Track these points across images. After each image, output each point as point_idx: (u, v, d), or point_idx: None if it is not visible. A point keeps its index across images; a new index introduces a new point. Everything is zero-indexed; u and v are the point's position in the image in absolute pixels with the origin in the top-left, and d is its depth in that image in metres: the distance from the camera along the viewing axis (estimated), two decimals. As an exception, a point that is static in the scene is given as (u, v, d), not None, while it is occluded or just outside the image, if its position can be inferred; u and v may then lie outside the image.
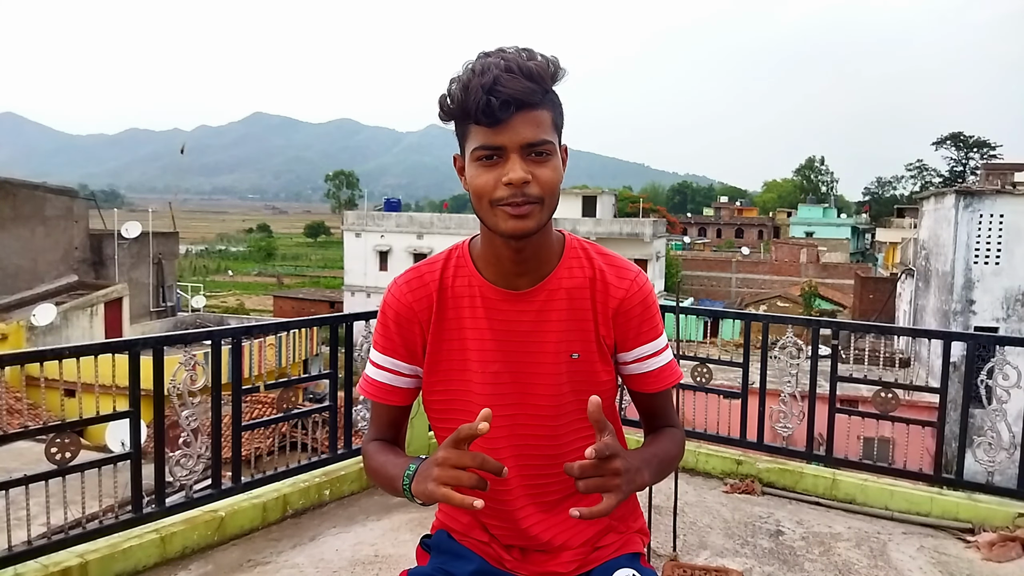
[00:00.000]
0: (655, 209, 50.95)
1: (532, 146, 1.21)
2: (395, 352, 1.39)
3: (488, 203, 1.23)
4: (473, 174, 1.24)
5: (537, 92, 1.20)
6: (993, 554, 3.24)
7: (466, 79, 1.20)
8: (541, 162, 1.22)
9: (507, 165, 1.21)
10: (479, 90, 1.17)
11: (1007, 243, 13.96)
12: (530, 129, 1.20)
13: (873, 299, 24.11)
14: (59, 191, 19.42)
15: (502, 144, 1.20)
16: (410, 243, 31.42)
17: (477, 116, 1.19)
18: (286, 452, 4.58)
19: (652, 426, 1.47)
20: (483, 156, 1.22)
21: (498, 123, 1.19)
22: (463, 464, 1.10)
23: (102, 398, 2.82)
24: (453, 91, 1.22)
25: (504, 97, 1.17)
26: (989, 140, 62.11)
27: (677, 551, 3.23)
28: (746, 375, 4.14)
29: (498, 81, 1.17)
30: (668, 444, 1.40)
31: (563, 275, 1.35)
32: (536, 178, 1.21)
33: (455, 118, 1.25)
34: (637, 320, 1.36)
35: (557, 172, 1.24)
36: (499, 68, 1.19)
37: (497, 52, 1.23)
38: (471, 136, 1.23)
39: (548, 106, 1.23)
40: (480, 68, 1.20)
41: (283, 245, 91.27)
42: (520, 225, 1.22)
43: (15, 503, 2.64)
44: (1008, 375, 3.51)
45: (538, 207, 1.23)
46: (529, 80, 1.19)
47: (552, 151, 1.23)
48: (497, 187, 1.21)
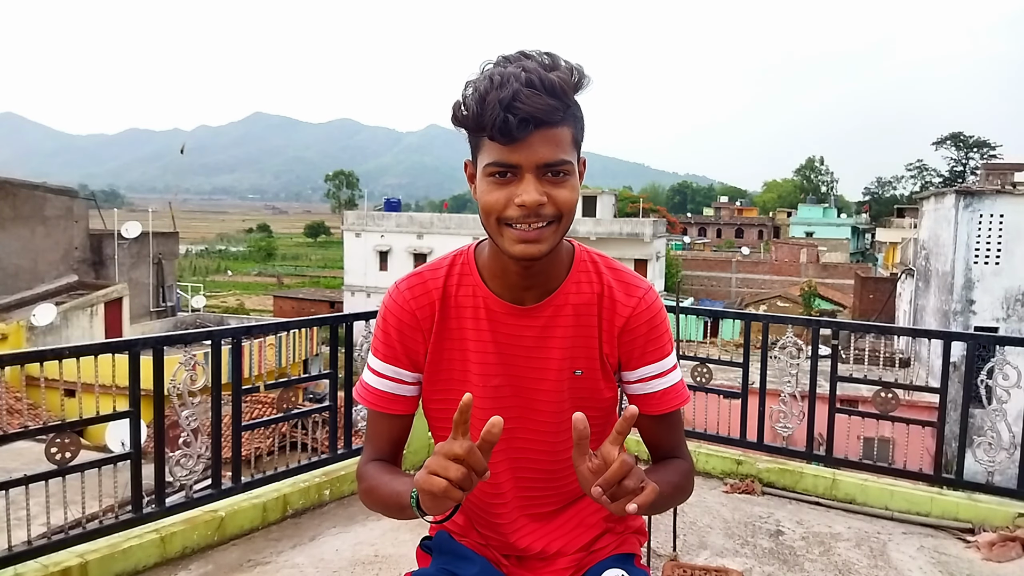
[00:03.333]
0: (655, 209, 50.95)
1: (549, 166, 1.14)
2: (397, 360, 1.33)
3: (496, 221, 1.17)
4: (484, 189, 1.17)
5: (559, 110, 1.12)
6: (993, 554, 3.24)
7: (483, 90, 1.12)
8: (558, 183, 1.15)
9: (521, 185, 1.14)
10: (496, 105, 1.09)
11: (1007, 243, 13.96)
12: (548, 149, 1.13)
13: (873, 299, 24.11)
14: (59, 191, 19.41)
15: (517, 163, 1.13)
16: (410, 243, 31.41)
17: (492, 133, 1.12)
18: (286, 452, 4.58)
19: (657, 455, 1.38)
20: (496, 172, 1.15)
21: (514, 141, 1.11)
22: (453, 453, 1.04)
23: (102, 398, 2.82)
24: (468, 101, 1.14)
25: (522, 115, 1.09)
26: (989, 140, 62.20)
27: (677, 551, 3.23)
28: (746, 375, 4.14)
29: (517, 97, 1.09)
30: (674, 477, 1.30)
31: (571, 290, 1.30)
32: (552, 199, 1.15)
33: (469, 130, 1.17)
34: (643, 339, 1.31)
35: (574, 192, 1.17)
36: (519, 81, 1.10)
37: (518, 60, 1.15)
38: (484, 149, 1.16)
39: (569, 122, 1.16)
40: (499, 79, 1.11)
41: (283, 245, 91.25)
42: (528, 250, 1.16)
43: (15, 503, 2.64)
44: (1008, 375, 3.51)
45: (552, 228, 1.17)
46: (551, 96, 1.11)
47: (570, 171, 1.16)
48: (508, 206, 1.15)
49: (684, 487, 1.34)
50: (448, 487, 1.03)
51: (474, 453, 1.04)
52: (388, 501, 1.24)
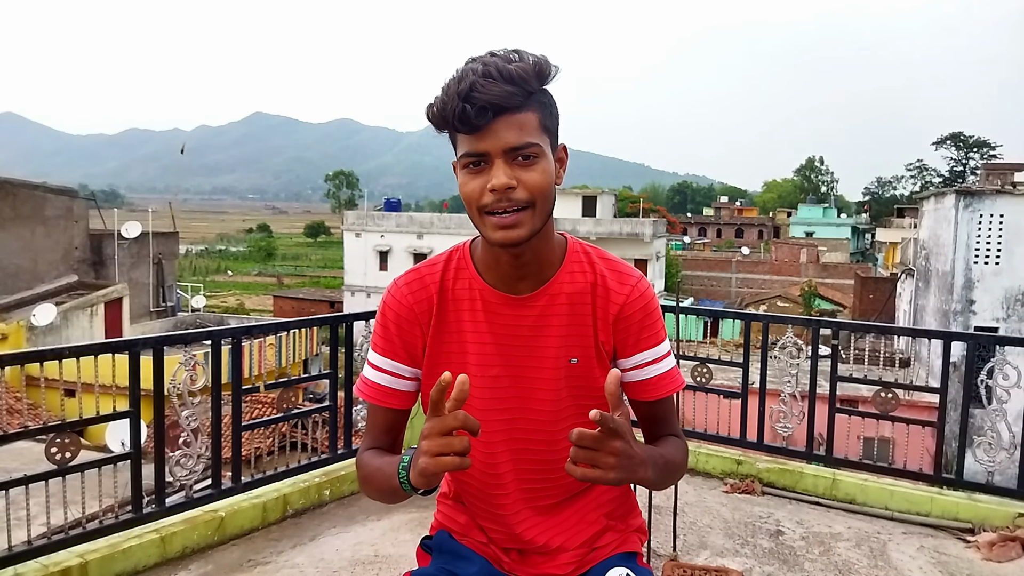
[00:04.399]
0: (655, 209, 50.92)
1: (516, 150, 1.18)
2: (395, 354, 1.36)
3: (476, 210, 1.22)
4: (462, 181, 1.22)
5: (517, 95, 1.17)
6: (993, 554, 3.24)
7: (446, 86, 1.19)
8: (528, 166, 1.20)
9: (492, 171, 1.19)
10: (456, 97, 1.16)
11: (1007, 243, 13.96)
12: (512, 133, 1.18)
13: (873, 299, 24.10)
14: (59, 191, 19.41)
15: (485, 150, 1.18)
16: (410, 243, 31.42)
17: (455, 124, 1.18)
18: (286, 452, 4.58)
19: (653, 436, 1.43)
20: (469, 163, 1.20)
21: (478, 130, 1.17)
22: (447, 427, 1.06)
23: (102, 398, 2.82)
24: (435, 99, 1.21)
25: (480, 103, 1.15)
26: (989, 140, 62.23)
27: (677, 551, 3.23)
28: (746, 375, 4.14)
29: (474, 87, 1.15)
30: (673, 450, 1.36)
31: (564, 280, 1.33)
32: (522, 183, 1.19)
33: (438, 126, 1.23)
34: (637, 326, 1.34)
35: (546, 175, 1.21)
36: (476, 73, 1.16)
37: (482, 56, 1.21)
38: (458, 143, 1.22)
39: (534, 107, 1.20)
40: (459, 75, 1.18)
41: (283, 245, 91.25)
42: (508, 235, 1.21)
43: (15, 503, 2.64)
44: (1008, 375, 3.51)
45: (528, 213, 1.21)
46: (508, 83, 1.16)
47: (539, 153, 1.20)
48: (483, 194, 1.20)
49: (680, 462, 1.37)
50: (460, 461, 1.06)
51: (467, 418, 1.06)
52: (383, 486, 1.26)
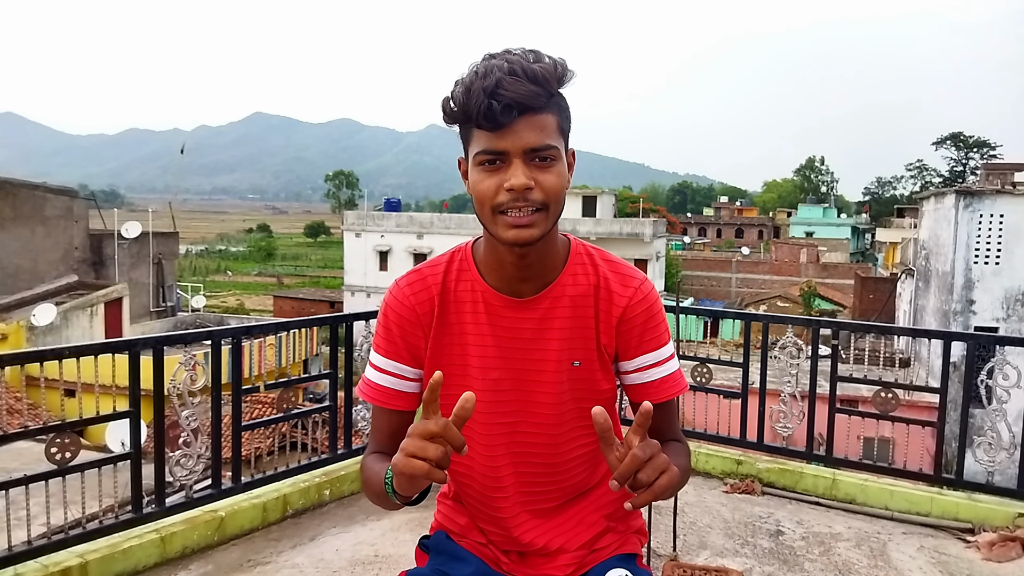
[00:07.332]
0: (655, 209, 50.91)
1: (535, 151, 1.18)
2: (398, 355, 1.35)
3: (490, 209, 1.20)
4: (476, 179, 1.21)
5: (541, 96, 1.17)
6: (993, 554, 3.24)
7: (468, 81, 1.17)
8: (545, 168, 1.19)
9: (509, 171, 1.18)
10: (481, 93, 1.15)
11: (1007, 243, 13.97)
12: (533, 134, 1.17)
13: (873, 299, 24.10)
14: (59, 191, 19.41)
15: (504, 149, 1.17)
16: (410, 243, 31.42)
17: (479, 120, 1.16)
18: (286, 452, 4.58)
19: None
20: (485, 161, 1.19)
21: (500, 127, 1.16)
22: (427, 432, 1.03)
23: (102, 398, 2.82)
24: (456, 94, 1.19)
25: (506, 101, 1.14)
26: (989, 140, 62.15)
27: (677, 551, 3.23)
28: (746, 375, 4.14)
29: (500, 84, 1.14)
30: (681, 460, 1.32)
31: (567, 282, 1.32)
32: (539, 184, 1.18)
33: (458, 121, 1.22)
34: (640, 328, 1.33)
35: (562, 178, 1.21)
36: (502, 71, 1.15)
37: (502, 54, 1.20)
38: (474, 140, 1.20)
39: (553, 110, 1.20)
40: (483, 71, 1.17)
41: (283, 245, 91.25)
42: (520, 235, 1.20)
43: (15, 503, 2.64)
44: (1008, 375, 3.51)
45: (542, 215, 1.20)
46: (533, 83, 1.16)
47: (556, 156, 1.20)
48: (499, 193, 1.19)
49: (687, 468, 1.36)
50: (430, 469, 1.03)
51: (449, 429, 1.04)
52: (379, 491, 1.23)
